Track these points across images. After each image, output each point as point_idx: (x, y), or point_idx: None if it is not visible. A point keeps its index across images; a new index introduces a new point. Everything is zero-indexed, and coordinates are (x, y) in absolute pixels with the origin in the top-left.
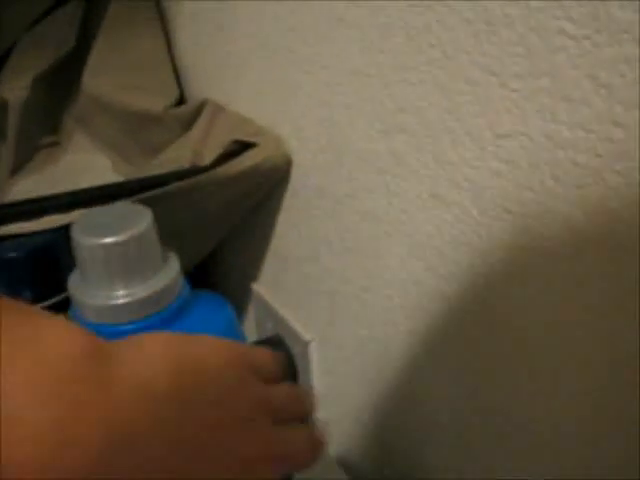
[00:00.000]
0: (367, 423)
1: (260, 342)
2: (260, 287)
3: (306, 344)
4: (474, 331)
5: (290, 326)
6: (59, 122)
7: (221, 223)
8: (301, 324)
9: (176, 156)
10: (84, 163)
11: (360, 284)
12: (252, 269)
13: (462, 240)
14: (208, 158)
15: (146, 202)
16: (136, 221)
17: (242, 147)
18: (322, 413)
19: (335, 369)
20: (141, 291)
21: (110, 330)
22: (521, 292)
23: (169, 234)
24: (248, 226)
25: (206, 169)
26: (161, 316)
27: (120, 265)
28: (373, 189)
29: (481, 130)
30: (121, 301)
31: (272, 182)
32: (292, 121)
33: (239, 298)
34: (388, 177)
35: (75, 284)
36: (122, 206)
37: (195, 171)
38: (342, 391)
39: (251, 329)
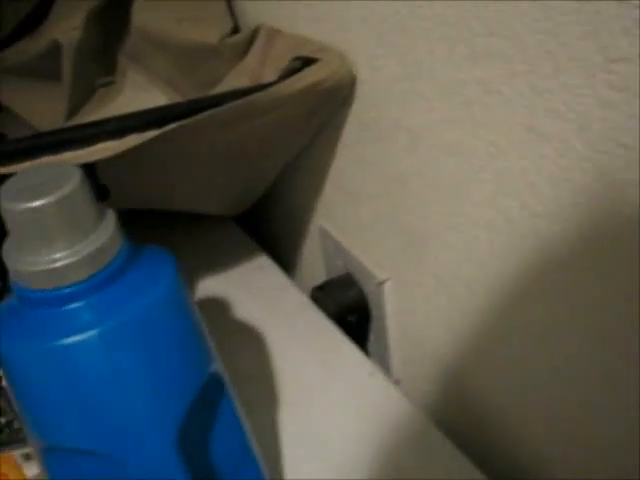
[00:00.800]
0: (447, 365)
1: (330, 282)
2: (329, 225)
3: (380, 283)
4: (580, 276)
5: (363, 265)
6: (113, 61)
7: (285, 145)
8: (374, 263)
9: (234, 86)
10: (140, 101)
11: (442, 222)
12: (319, 207)
13: (563, 176)
14: (268, 81)
15: (202, 123)
16: (65, 181)
17: (304, 64)
18: (397, 355)
19: (412, 309)
20: (80, 250)
21: (53, 295)
22: (636, 231)
23: (228, 155)
24: (314, 162)
25: (265, 87)
26: (104, 274)
27: (55, 227)
28: (456, 121)
29: (590, 54)
30: (60, 263)
31: (337, 101)
32: (362, 49)
33: (305, 238)
34: (475, 107)
35: (9, 253)
36: (49, 168)
37: (253, 89)
38: (420, 332)
39: (320, 269)
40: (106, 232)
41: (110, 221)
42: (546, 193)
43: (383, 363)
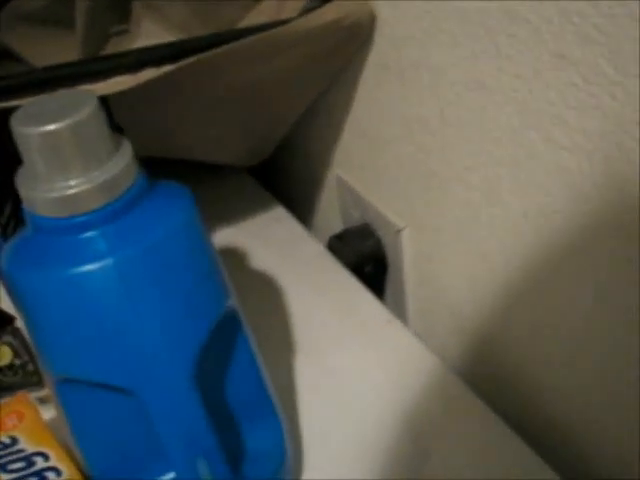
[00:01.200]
0: (465, 316)
1: (348, 231)
2: (346, 174)
3: (398, 231)
4: (607, 216)
5: (380, 213)
6: (127, 9)
7: (305, 87)
8: (392, 211)
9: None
10: None
11: (462, 164)
12: (337, 155)
13: (591, 103)
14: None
15: (221, 59)
16: (80, 106)
17: (323, 2)
18: (414, 307)
19: (431, 257)
20: (96, 178)
21: (68, 223)
22: None
23: (247, 97)
24: (332, 108)
25: (284, 22)
26: (120, 203)
27: (70, 152)
28: (480, 54)
29: None
30: (75, 190)
31: (357, 40)
32: None
33: (322, 186)
34: (500, 38)
35: (23, 181)
36: (64, 95)
37: (272, 25)
38: (438, 281)
39: (337, 220)
40: (122, 161)
41: (126, 151)
42: (572, 124)
43: (400, 314)
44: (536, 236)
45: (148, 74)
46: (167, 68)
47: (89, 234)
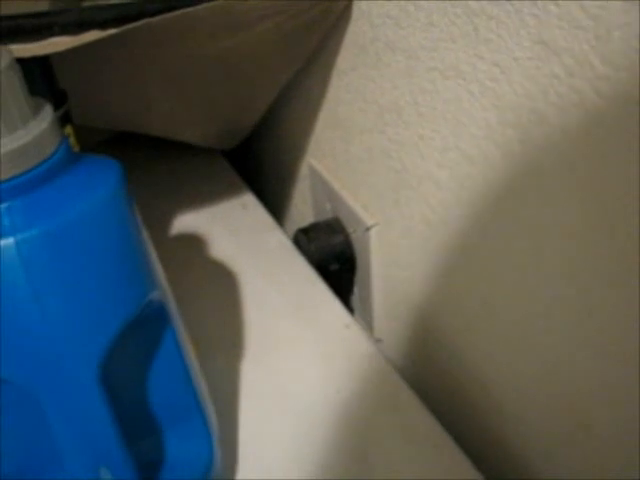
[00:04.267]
0: (432, 324)
1: (316, 225)
2: (318, 164)
3: (367, 229)
4: (582, 215)
5: (350, 208)
6: None
7: (276, 63)
8: (362, 207)
9: None
10: None
11: (435, 159)
12: (309, 143)
13: (572, 100)
14: None
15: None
16: None
17: None
18: (380, 311)
19: (399, 259)
20: (3, 145)
21: None
22: None
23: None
24: (307, 92)
25: None
26: (31, 175)
27: None
28: (457, 38)
29: None
30: None
31: (331, 16)
32: None
33: (295, 176)
34: (478, 20)
35: None
36: None
37: None
38: (405, 283)
39: (308, 211)
40: (37, 129)
41: (45, 117)
42: (552, 121)
43: (366, 319)
44: (507, 245)
45: (90, 36)
46: (111, 31)
47: None
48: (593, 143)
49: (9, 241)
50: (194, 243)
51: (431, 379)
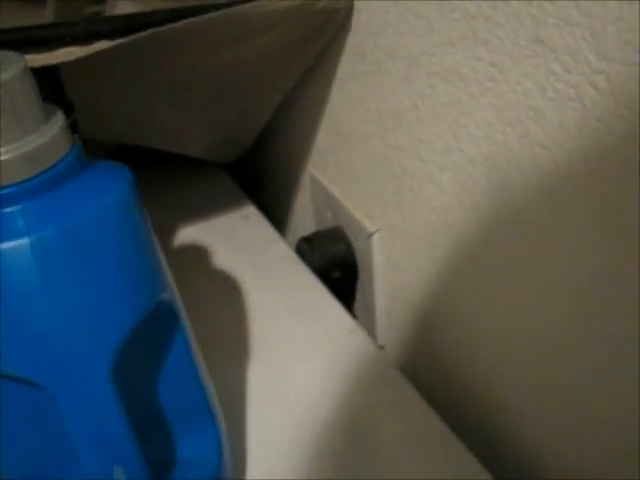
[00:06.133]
0: (438, 330)
1: (318, 234)
2: (319, 172)
3: (369, 236)
4: (582, 213)
5: (352, 216)
6: None
7: (277, 73)
8: (364, 214)
9: None
10: None
11: (435, 162)
12: (310, 153)
13: (570, 95)
14: None
15: (177, 35)
16: (5, 67)
17: None
18: (383, 318)
19: (401, 265)
20: (18, 148)
21: None
22: None
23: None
24: (308, 103)
25: (246, 0)
26: (44, 178)
27: None
28: (456, 41)
29: None
30: None
31: (333, 26)
32: None
33: (296, 186)
34: (477, 23)
35: None
36: None
37: (234, 2)
38: (407, 289)
39: (309, 220)
40: (50, 132)
41: (57, 122)
42: (549, 117)
43: (368, 326)
44: (515, 245)
45: (99, 46)
46: (120, 41)
47: (7, 210)
48: (590, 137)
49: (24, 241)
50: (197, 255)
51: (435, 385)
